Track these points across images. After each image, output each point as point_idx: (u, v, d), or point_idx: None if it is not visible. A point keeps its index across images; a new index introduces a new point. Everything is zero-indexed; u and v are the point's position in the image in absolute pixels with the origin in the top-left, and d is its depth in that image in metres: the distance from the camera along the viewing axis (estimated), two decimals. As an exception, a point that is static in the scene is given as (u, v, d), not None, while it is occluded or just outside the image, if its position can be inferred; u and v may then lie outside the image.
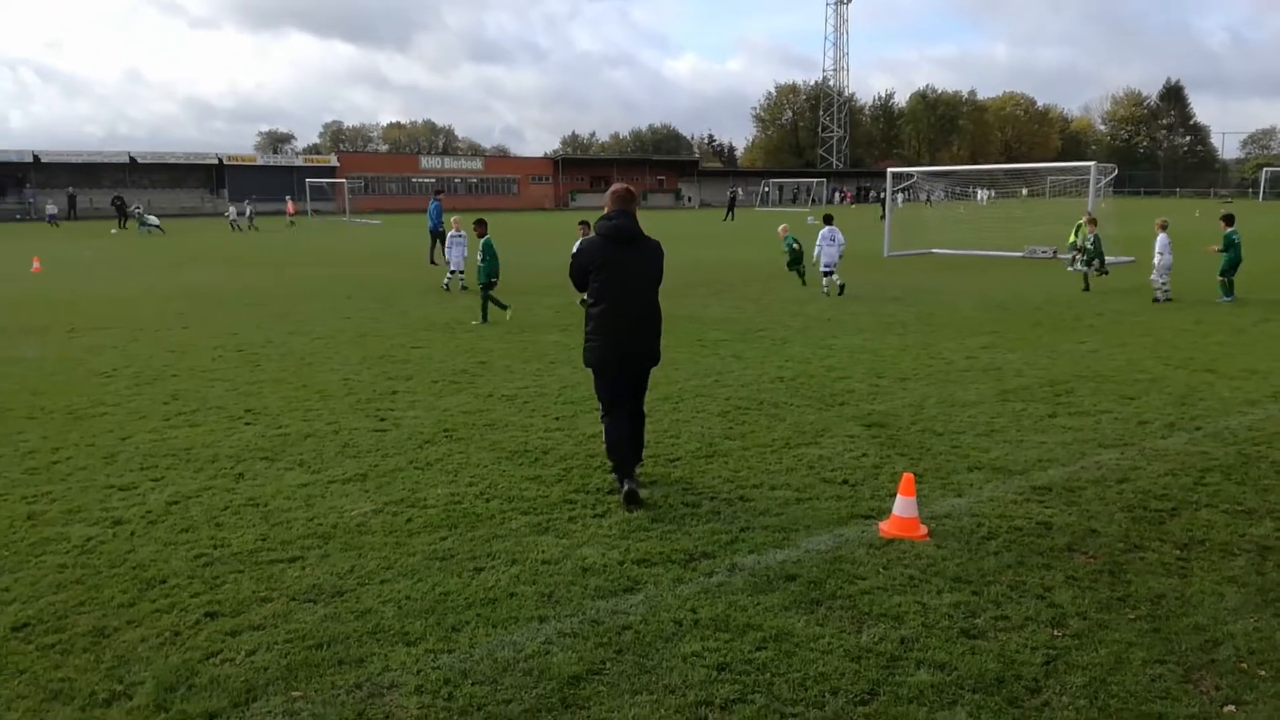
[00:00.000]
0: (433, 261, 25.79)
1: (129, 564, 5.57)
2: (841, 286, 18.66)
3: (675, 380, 10.57)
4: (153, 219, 48.85)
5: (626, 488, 6.48)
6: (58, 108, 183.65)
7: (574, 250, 6.77)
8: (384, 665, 4.36)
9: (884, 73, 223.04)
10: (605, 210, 6.78)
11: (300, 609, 4.95)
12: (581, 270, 6.74)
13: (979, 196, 69.01)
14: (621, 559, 5.54)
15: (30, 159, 71.78)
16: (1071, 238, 22.53)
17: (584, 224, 16.82)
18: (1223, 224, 17.46)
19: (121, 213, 54.91)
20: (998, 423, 8.58)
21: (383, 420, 8.92)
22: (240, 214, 51.71)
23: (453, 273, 20.14)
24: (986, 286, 20.16)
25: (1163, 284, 17.37)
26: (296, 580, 5.31)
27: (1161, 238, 17.47)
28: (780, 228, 21.27)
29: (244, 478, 7.22)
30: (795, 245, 20.24)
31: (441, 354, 12.48)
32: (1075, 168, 36.12)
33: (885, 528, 5.91)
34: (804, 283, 20.02)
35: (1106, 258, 20.15)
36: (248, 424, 8.86)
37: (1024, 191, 69.81)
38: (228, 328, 15.05)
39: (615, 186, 6.87)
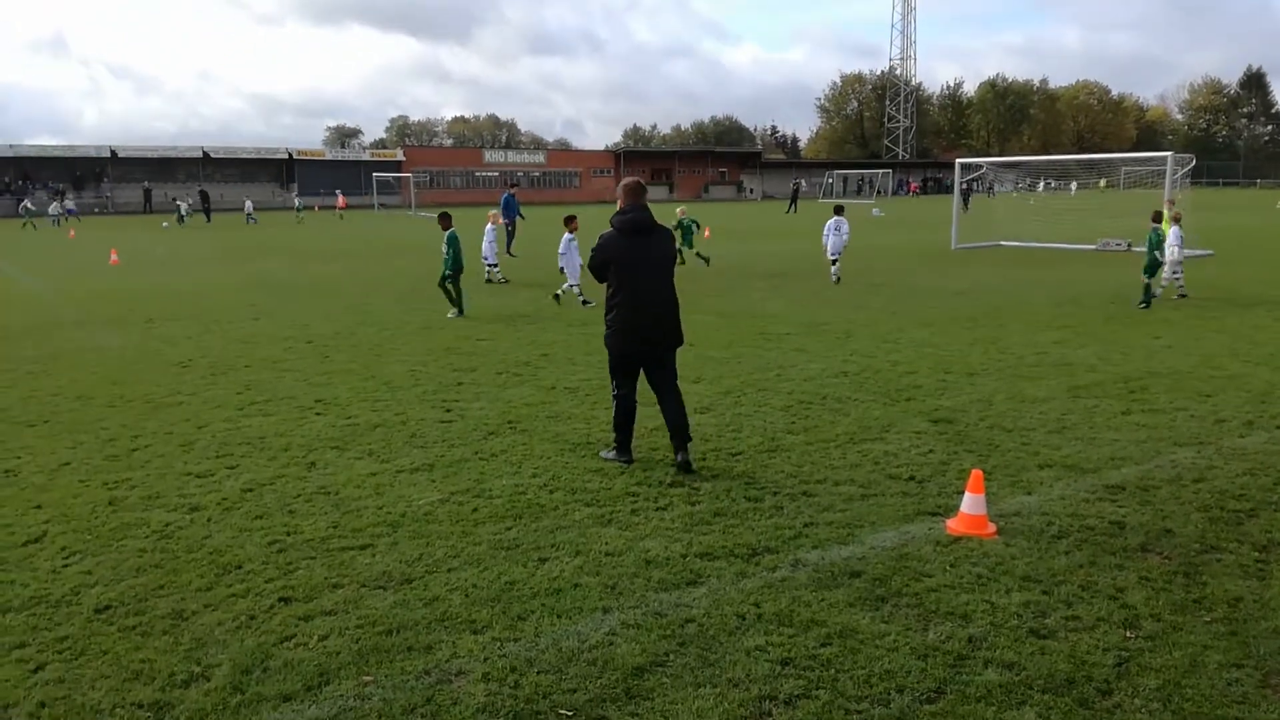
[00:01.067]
0: (510, 253, 26.05)
1: (206, 549, 5.73)
2: (838, 278, 19.30)
3: (738, 373, 10.54)
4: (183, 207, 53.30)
5: (625, 460, 7.21)
6: (131, 105, 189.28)
7: (592, 245, 7.16)
8: (452, 652, 4.44)
9: (950, 61, 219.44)
10: (619, 204, 7.11)
11: (371, 595, 5.05)
12: (604, 263, 7.07)
13: (1071, 187, 67.59)
14: (684, 552, 5.55)
15: (108, 154, 73.99)
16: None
17: (571, 218, 17.03)
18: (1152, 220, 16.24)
19: (206, 206, 56.95)
20: (1069, 419, 8.41)
21: (448, 411, 9.05)
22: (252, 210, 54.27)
23: (490, 265, 20.70)
24: (1057, 280, 19.74)
25: (1169, 278, 16.48)
26: (367, 567, 5.42)
27: (1174, 230, 16.45)
28: (679, 209, 23.56)
29: (315, 466, 7.38)
30: (690, 225, 22.97)
31: (505, 346, 12.60)
32: (1151, 158, 35.17)
33: (953, 525, 5.84)
34: (702, 259, 22.94)
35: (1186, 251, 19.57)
36: (318, 414, 9.05)
37: (1102, 183, 68.13)
38: (297, 319, 15.38)
39: (626, 180, 7.23)
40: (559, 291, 16.92)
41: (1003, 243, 29.61)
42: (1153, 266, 15.67)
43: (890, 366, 10.86)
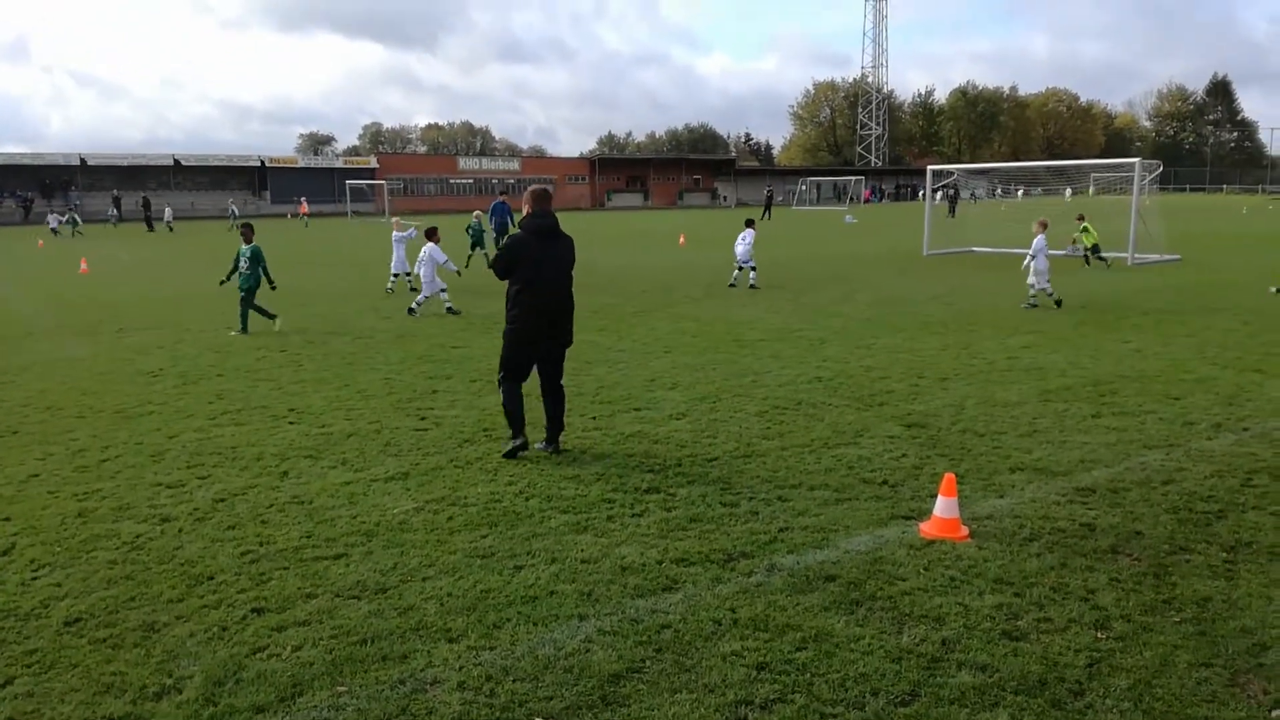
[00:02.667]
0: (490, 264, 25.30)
1: (177, 560, 5.68)
2: (754, 285, 20.08)
3: (712, 380, 10.57)
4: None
5: (518, 442, 7.62)
6: (96, 111, 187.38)
7: (500, 245, 7.58)
8: (427, 661, 4.42)
9: (919, 69, 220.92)
10: (527, 210, 7.63)
11: (345, 605, 5.02)
12: (512, 263, 7.51)
13: (1018, 194, 68.39)
14: (660, 558, 5.56)
15: (77, 162, 73.17)
16: (1083, 237, 22.60)
17: (432, 230, 16.86)
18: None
19: (147, 215, 56.31)
20: (1040, 423, 8.49)
21: (423, 419, 9.01)
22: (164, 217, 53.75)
23: (395, 276, 19.82)
24: (1027, 285, 19.89)
25: (1039, 287, 16.41)
26: (341, 577, 5.39)
27: (1039, 239, 16.44)
28: (474, 213, 24.39)
29: (288, 476, 7.33)
30: (480, 229, 24.20)
31: (480, 353, 12.57)
32: (1119, 164, 35.58)
33: (926, 529, 5.88)
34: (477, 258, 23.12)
35: (1150, 256, 19.88)
36: (291, 423, 8.99)
37: (1067, 193, 68.93)
38: (270, 328, 15.26)
39: (534, 187, 7.79)
40: (413, 305, 16.64)
41: (974, 249, 29.85)
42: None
43: (863, 372, 10.93)
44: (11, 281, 25.01)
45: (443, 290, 16.71)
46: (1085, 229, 23.38)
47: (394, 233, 19.86)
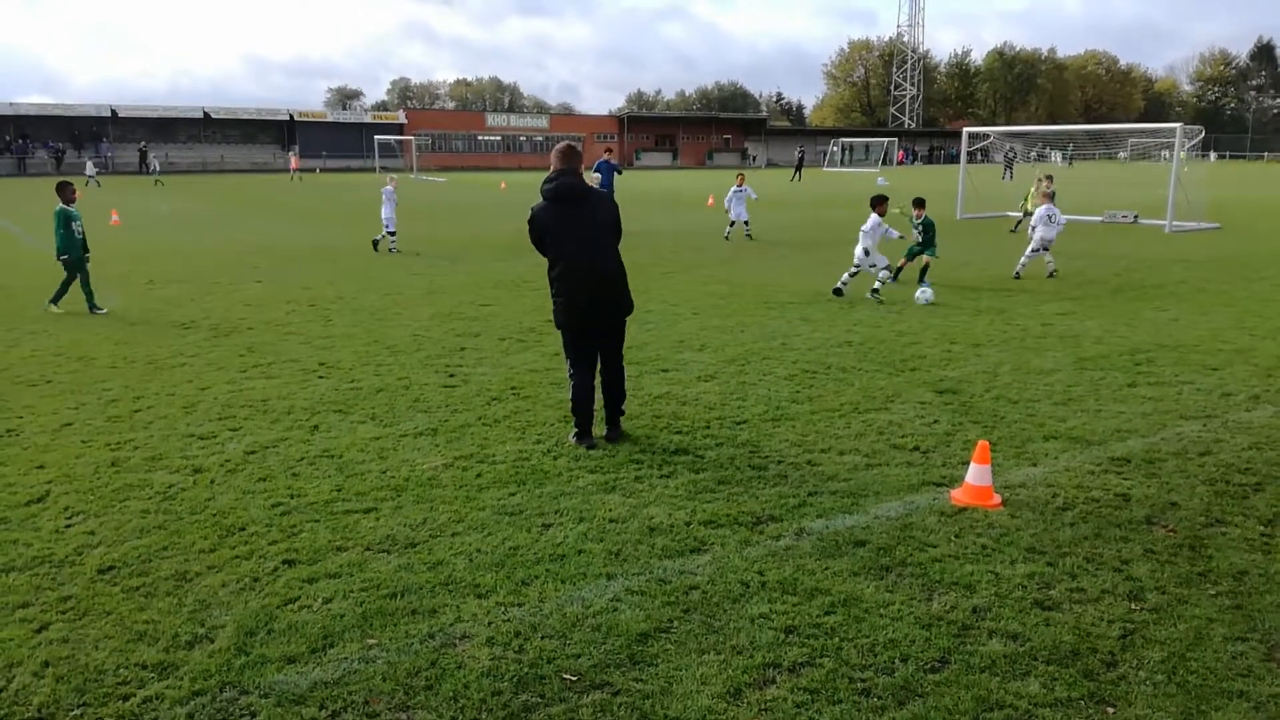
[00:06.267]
0: None
1: (209, 511, 5.73)
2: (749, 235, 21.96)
3: (742, 342, 10.51)
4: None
5: (586, 444, 6.83)
6: (119, 64, 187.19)
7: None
8: (456, 616, 4.43)
9: (951, 27, 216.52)
10: (549, 171, 6.82)
11: (375, 559, 5.05)
12: (538, 236, 6.85)
13: (1055, 159, 67.34)
14: (688, 519, 5.54)
15: (108, 113, 73.45)
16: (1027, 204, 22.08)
17: (879, 200, 13.66)
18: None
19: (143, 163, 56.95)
20: (1075, 391, 8.38)
21: (452, 376, 9.02)
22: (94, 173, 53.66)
23: (389, 234, 19.56)
24: (1063, 252, 19.60)
25: (1033, 257, 15.67)
26: (371, 531, 5.41)
27: (1043, 207, 15.80)
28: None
29: (319, 430, 7.37)
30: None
31: (509, 312, 12.55)
32: (1159, 129, 34.88)
33: (957, 496, 5.82)
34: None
35: (1188, 224, 19.48)
36: (321, 377, 9.02)
37: (1122, 155, 67.85)
38: (300, 282, 15.31)
39: (558, 145, 6.90)
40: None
41: (1008, 214, 29.42)
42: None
43: (895, 337, 10.82)
44: (45, 234, 25.22)
45: (885, 268, 13.94)
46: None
47: (384, 188, 19.86)
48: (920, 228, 14.75)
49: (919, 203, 15.02)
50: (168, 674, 3.99)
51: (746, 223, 22.29)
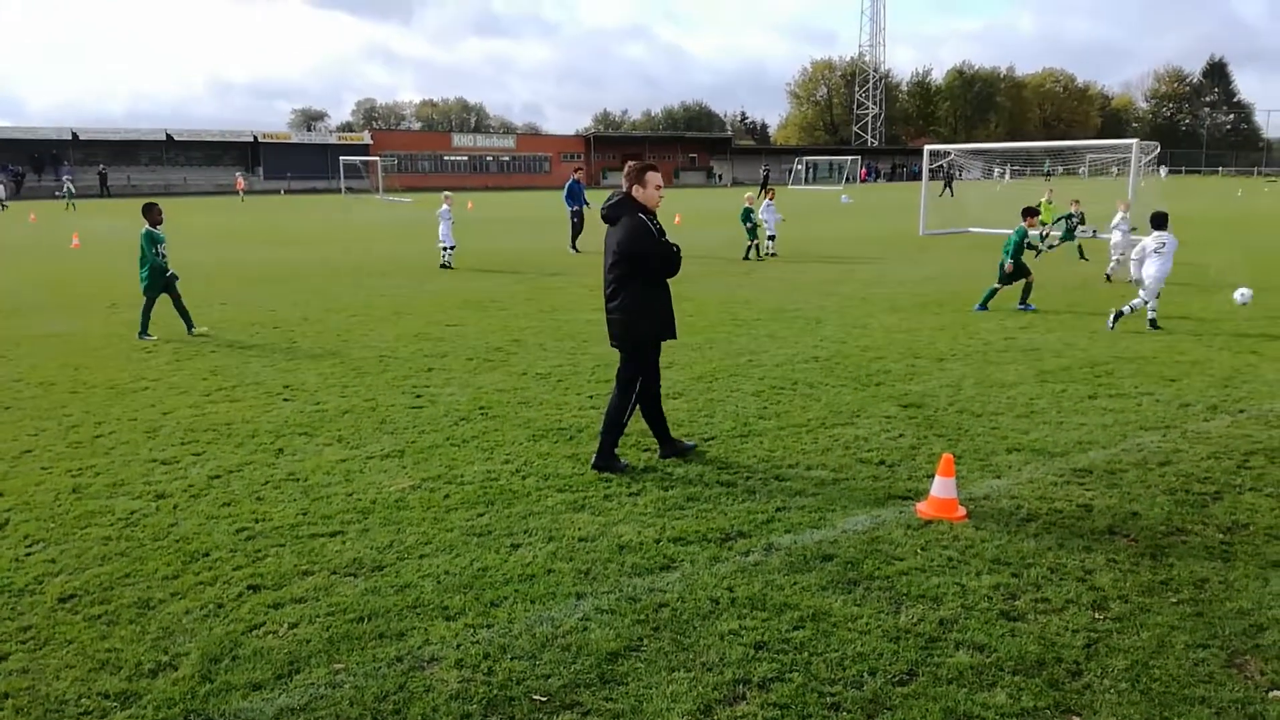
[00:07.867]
0: (574, 248, 23.07)
1: (172, 537, 5.65)
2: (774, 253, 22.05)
3: (710, 359, 10.55)
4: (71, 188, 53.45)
5: (614, 466, 6.77)
6: (73, 86, 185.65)
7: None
8: (424, 639, 4.40)
9: (910, 47, 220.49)
10: None
11: (341, 583, 5.00)
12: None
13: (996, 174, 68.21)
14: (657, 537, 5.55)
15: (69, 136, 72.61)
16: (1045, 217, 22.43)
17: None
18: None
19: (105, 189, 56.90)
20: (1037, 404, 8.49)
21: (419, 397, 8.98)
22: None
23: (447, 249, 20.30)
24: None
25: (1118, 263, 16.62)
26: (337, 554, 5.37)
27: (1118, 215, 17.12)
28: (745, 196, 22.80)
29: (283, 453, 7.30)
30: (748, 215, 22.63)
31: (476, 332, 12.52)
32: (1116, 145, 35.52)
33: (923, 509, 5.87)
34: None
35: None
36: (286, 400, 8.95)
37: (1057, 170, 68.81)
38: (264, 304, 15.19)
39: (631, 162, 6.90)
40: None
41: (970, 229, 29.81)
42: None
43: (860, 352, 10.91)
44: (4, 254, 24.85)
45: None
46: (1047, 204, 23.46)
47: (441, 208, 20.45)
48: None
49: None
50: (131, 703, 3.93)
51: (772, 238, 22.56)
